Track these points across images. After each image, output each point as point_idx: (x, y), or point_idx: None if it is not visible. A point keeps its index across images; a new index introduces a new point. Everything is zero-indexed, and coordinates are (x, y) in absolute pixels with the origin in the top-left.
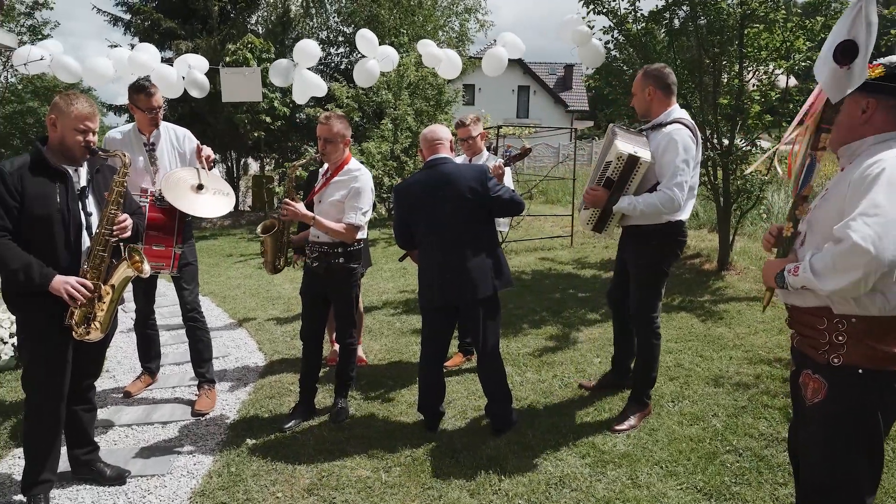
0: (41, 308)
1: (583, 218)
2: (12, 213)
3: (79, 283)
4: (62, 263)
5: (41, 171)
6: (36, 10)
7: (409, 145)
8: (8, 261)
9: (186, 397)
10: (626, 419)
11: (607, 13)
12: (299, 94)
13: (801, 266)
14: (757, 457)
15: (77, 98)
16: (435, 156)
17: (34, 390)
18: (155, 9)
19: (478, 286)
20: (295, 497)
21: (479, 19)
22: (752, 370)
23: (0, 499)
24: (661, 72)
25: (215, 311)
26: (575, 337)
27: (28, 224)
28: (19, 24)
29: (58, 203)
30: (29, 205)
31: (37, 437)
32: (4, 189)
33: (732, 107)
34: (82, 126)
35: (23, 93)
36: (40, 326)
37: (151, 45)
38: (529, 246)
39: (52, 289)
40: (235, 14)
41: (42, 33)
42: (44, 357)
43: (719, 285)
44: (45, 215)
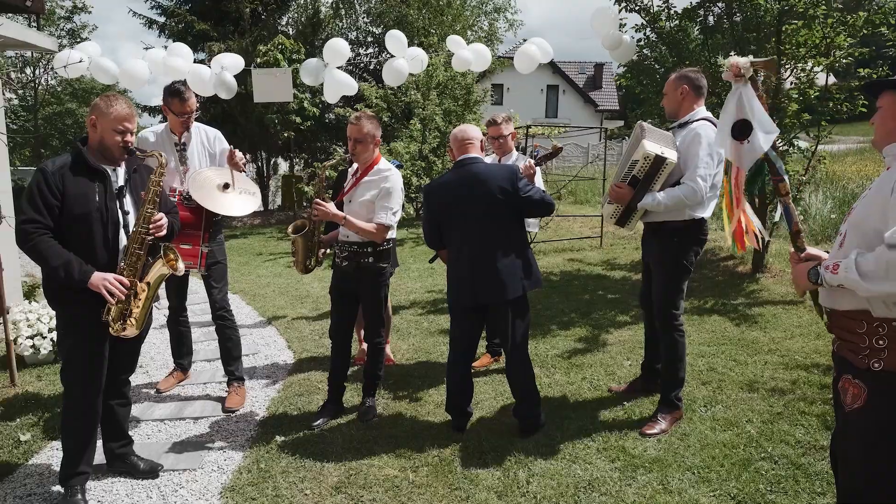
0: (81, 303)
1: (607, 212)
2: (53, 211)
3: (116, 279)
4: (100, 261)
5: (81, 171)
6: (75, 14)
7: (437, 145)
8: (49, 258)
9: (217, 394)
10: (657, 422)
11: (640, 10)
12: (330, 94)
13: (842, 264)
14: (794, 465)
15: (116, 100)
16: (465, 155)
17: (73, 384)
18: (188, 11)
19: (507, 286)
20: (323, 495)
21: (508, 18)
22: (788, 375)
23: (39, 489)
24: (696, 74)
25: (245, 309)
26: (604, 339)
27: (68, 222)
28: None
29: (97, 202)
30: (69, 203)
31: (75, 431)
32: (46, 188)
33: (769, 105)
34: (121, 127)
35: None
36: (79, 321)
37: (185, 46)
38: (558, 247)
39: (90, 285)
40: (266, 16)
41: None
42: (83, 351)
43: (754, 288)
44: (85, 214)
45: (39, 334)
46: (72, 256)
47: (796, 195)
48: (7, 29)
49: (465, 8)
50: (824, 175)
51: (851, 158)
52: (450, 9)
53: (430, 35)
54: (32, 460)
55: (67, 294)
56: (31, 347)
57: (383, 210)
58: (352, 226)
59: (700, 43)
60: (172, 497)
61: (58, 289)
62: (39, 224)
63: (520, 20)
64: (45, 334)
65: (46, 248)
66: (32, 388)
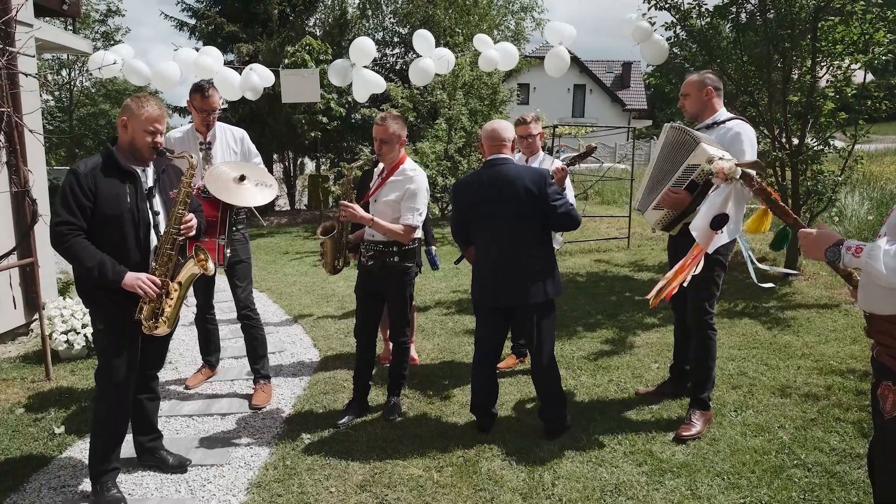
0: (114, 303)
1: (651, 217)
2: (86, 212)
3: (149, 279)
4: (132, 261)
5: (112, 172)
6: (109, 17)
7: (463, 145)
8: (83, 259)
9: (244, 391)
10: (692, 425)
11: (669, 8)
12: (359, 92)
13: (866, 248)
14: (828, 473)
15: (147, 101)
16: (496, 155)
17: (106, 381)
18: (218, 13)
19: (530, 290)
20: (348, 492)
21: (534, 17)
22: (822, 381)
23: (72, 481)
24: (718, 76)
25: (272, 308)
26: (632, 341)
27: (100, 223)
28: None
29: (128, 203)
30: (102, 205)
31: (107, 427)
32: (80, 190)
33: (803, 104)
34: (151, 128)
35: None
36: (113, 320)
37: (215, 49)
38: (584, 247)
39: (124, 285)
40: (294, 17)
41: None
42: (117, 349)
43: (786, 291)
44: (117, 215)
45: (73, 329)
46: (105, 257)
47: (831, 196)
48: (44, 32)
49: (492, 7)
50: (861, 176)
51: (890, 158)
52: (476, 8)
53: (456, 35)
54: (66, 453)
55: (101, 294)
56: (66, 342)
57: (410, 211)
58: (379, 227)
59: (732, 41)
60: (200, 492)
61: (91, 289)
62: (73, 225)
63: (547, 19)
64: (79, 330)
65: (80, 249)
66: (66, 383)
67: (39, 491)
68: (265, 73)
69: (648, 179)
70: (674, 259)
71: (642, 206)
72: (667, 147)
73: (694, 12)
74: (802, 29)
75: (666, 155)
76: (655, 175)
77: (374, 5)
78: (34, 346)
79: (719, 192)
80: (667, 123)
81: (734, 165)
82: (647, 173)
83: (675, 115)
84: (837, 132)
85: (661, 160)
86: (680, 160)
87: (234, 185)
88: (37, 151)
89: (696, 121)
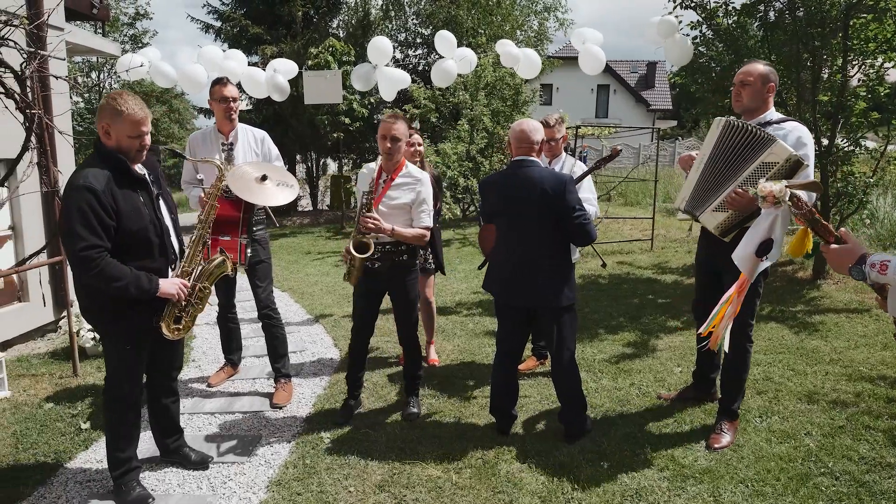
0: (138, 314)
1: (710, 220)
2: (110, 232)
3: (182, 283)
4: (159, 270)
5: (125, 183)
6: (137, 20)
7: (484, 146)
8: (118, 277)
9: (265, 389)
10: (722, 434)
11: (695, 7)
12: (385, 91)
13: (892, 264)
14: (856, 482)
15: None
16: (523, 157)
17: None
18: (243, 16)
19: (551, 293)
20: (367, 492)
21: (558, 18)
22: (851, 387)
23: (97, 475)
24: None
25: (293, 307)
26: (654, 344)
27: (125, 239)
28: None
29: (147, 213)
30: (125, 221)
31: (125, 429)
32: (101, 208)
33: (833, 104)
34: (137, 132)
35: None
36: (135, 333)
37: (240, 52)
38: (607, 249)
39: (162, 293)
40: (318, 19)
41: (142, 41)
42: (136, 361)
43: (814, 295)
44: (141, 228)
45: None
46: (136, 271)
47: (862, 198)
48: (75, 36)
49: (515, 8)
50: (894, 177)
51: None
52: (499, 9)
53: (479, 35)
54: (92, 448)
55: (125, 311)
56: (92, 339)
57: (424, 213)
58: (400, 236)
59: (759, 40)
60: (221, 489)
61: (111, 308)
62: (101, 248)
63: (570, 19)
64: None
65: (113, 269)
66: (93, 379)
67: (66, 485)
68: (287, 67)
69: (700, 178)
70: (706, 265)
71: (693, 208)
72: (725, 143)
73: (720, 11)
74: (833, 27)
75: (725, 152)
76: (711, 174)
77: (396, 6)
78: (62, 343)
79: (765, 216)
80: (719, 117)
81: (784, 188)
82: (696, 171)
83: (702, 115)
84: (869, 132)
85: (718, 157)
86: (749, 157)
87: (256, 185)
88: (66, 152)
89: (745, 116)
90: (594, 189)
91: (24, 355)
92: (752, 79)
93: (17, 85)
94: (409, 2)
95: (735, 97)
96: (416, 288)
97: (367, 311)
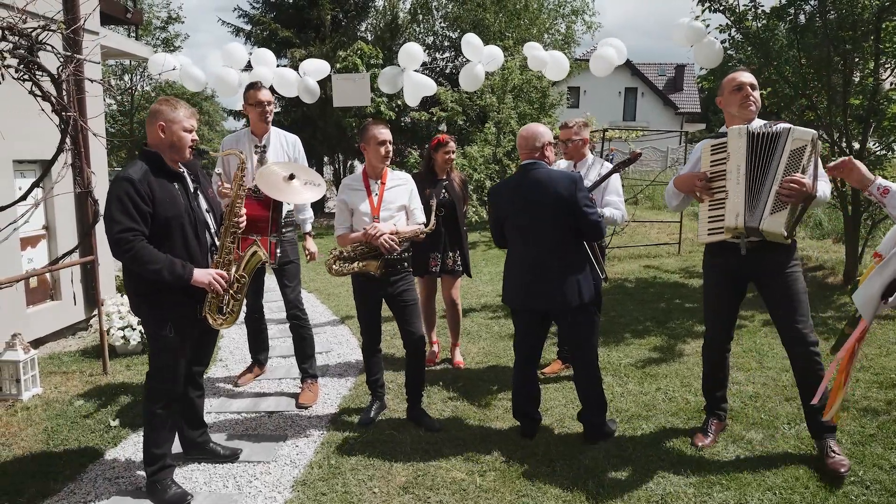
0: (180, 304)
1: (774, 225)
2: (146, 218)
3: (218, 273)
4: (195, 259)
5: (162, 175)
6: (169, 24)
7: (511, 148)
8: (152, 261)
9: (291, 390)
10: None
11: (724, 10)
12: (410, 96)
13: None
14: (888, 491)
15: (178, 102)
16: (530, 160)
17: (164, 382)
18: (273, 19)
19: (566, 294)
20: (391, 494)
21: (585, 21)
22: (882, 395)
23: (126, 472)
24: None
25: (320, 308)
26: (681, 349)
27: (160, 226)
28: (155, 38)
29: (183, 204)
30: (159, 208)
31: (162, 424)
32: (137, 196)
33: (865, 107)
34: (189, 125)
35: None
36: (178, 320)
37: (269, 52)
38: (633, 253)
39: (195, 281)
40: (346, 22)
41: (174, 45)
42: (181, 351)
43: (844, 301)
44: (176, 216)
45: (129, 326)
46: (171, 257)
47: None
48: (109, 40)
49: (542, 11)
50: None
51: None
52: (526, 12)
53: (507, 38)
54: (121, 445)
55: (166, 297)
56: (122, 338)
57: (418, 210)
58: (405, 235)
59: (788, 43)
60: (247, 488)
61: (153, 293)
62: (137, 231)
63: (597, 22)
64: (135, 326)
65: (147, 252)
66: (122, 377)
67: (95, 481)
68: (317, 67)
69: (746, 191)
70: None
71: (751, 220)
72: (750, 151)
73: (750, 14)
74: (865, 30)
75: (753, 158)
76: (752, 182)
77: (424, 10)
78: (93, 341)
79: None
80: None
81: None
82: (738, 185)
83: None
84: None
85: (752, 165)
86: (776, 151)
87: (284, 184)
88: (99, 154)
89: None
90: (622, 192)
91: (55, 353)
92: (756, 83)
93: (53, 88)
94: (437, 5)
95: (750, 102)
96: (414, 289)
97: (374, 314)
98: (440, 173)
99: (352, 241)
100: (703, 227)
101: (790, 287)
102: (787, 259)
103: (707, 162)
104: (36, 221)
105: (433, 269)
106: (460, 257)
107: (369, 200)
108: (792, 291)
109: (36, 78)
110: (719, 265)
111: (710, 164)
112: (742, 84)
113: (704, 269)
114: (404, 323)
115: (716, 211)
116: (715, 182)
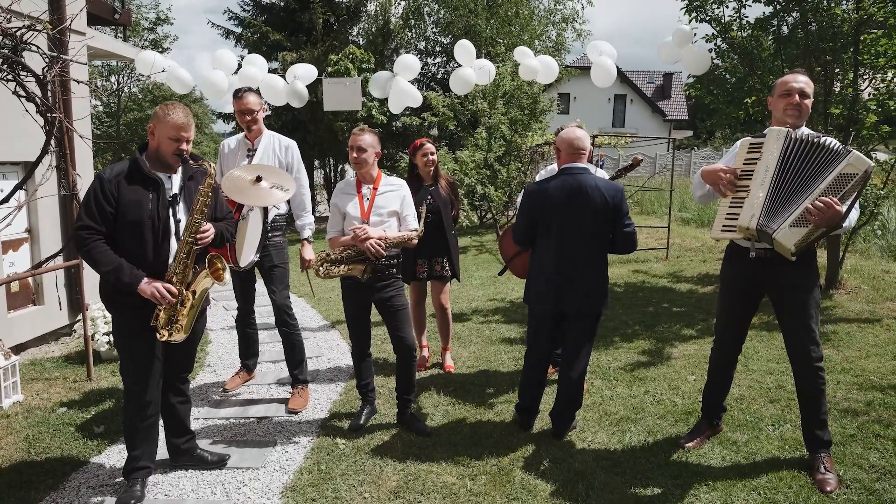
0: (131, 307)
1: (788, 238)
2: (107, 217)
3: (165, 287)
4: (151, 267)
5: (136, 179)
6: (158, 25)
7: (502, 154)
8: (101, 262)
9: (281, 395)
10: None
11: (710, 21)
12: (394, 103)
13: None
14: (867, 490)
15: (175, 108)
16: (574, 164)
17: (129, 382)
18: (264, 22)
19: (593, 299)
20: (382, 499)
21: (575, 28)
22: (862, 396)
23: (110, 480)
24: None
25: (310, 313)
26: (669, 352)
27: (121, 228)
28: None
29: (149, 209)
30: (123, 210)
31: (134, 426)
32: (102, 195)
33: (845, 117)
34: (176, 135)
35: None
36: (131, 324)
37: (259, 57)
38: (622, 258)
39: (140, 291)
40: (338, 26)
41: (162, 46)
42: (134, 351)
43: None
44: (137, 220)
45: (101, 332)
46: (122, 262)
47: (874, 210)
48: (96, 41)
49: (533, 18)
50: None
51: None
52: (517, 19)
53: (498, 45)
54: (105, 452)
55: (119, 298)
56: (107, 343)
57: (410, 217)
58: (396, 241)
59: (772, 53)
60: (236, 494)
61: (111, 293)
62: (93, 230)
63: (587, 30)
64: (104, 331)
65: (99, 253)
66: (107, 383)
67: (78, 490)
68: (306, 72)
69: (770, 192)
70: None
71: (768, 224)
72: (792, 156)
73: (735, 25)
74: (845, 42)
75: (793, 164)
76: (781, 187)
77: (416, 15)
78: (77, 347)
79: None
80: (774, 128)
81: None
82: (762, 186)
83: (717, 127)
84: (880, 145)
85: (787, 171)
86: (824, 169)
87: (250, 187)
88: (85, 155)
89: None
90: None
91: (37, 359)
92: (810, 90)
93: (38, 88)
94: (429, 11)
95: (794, 108)
96: (403, 294)
97: (363, 319)
98: (425, 178)
99: (341, 244)
100: (718, 222)
101: (805, 302)
102: (807, 274)
103: (741, 159)
104: (18, 224)
105: (421, 276)
106: (448, 262)
107: (360, 205)
108: (806, 306)
109: (20, 78)
110: (737, 275)
111: (743, 161)
112: (791, 90)
113: (721, 277)
114: (394, 328)
115: (734, 209)
116: (742, 181)
